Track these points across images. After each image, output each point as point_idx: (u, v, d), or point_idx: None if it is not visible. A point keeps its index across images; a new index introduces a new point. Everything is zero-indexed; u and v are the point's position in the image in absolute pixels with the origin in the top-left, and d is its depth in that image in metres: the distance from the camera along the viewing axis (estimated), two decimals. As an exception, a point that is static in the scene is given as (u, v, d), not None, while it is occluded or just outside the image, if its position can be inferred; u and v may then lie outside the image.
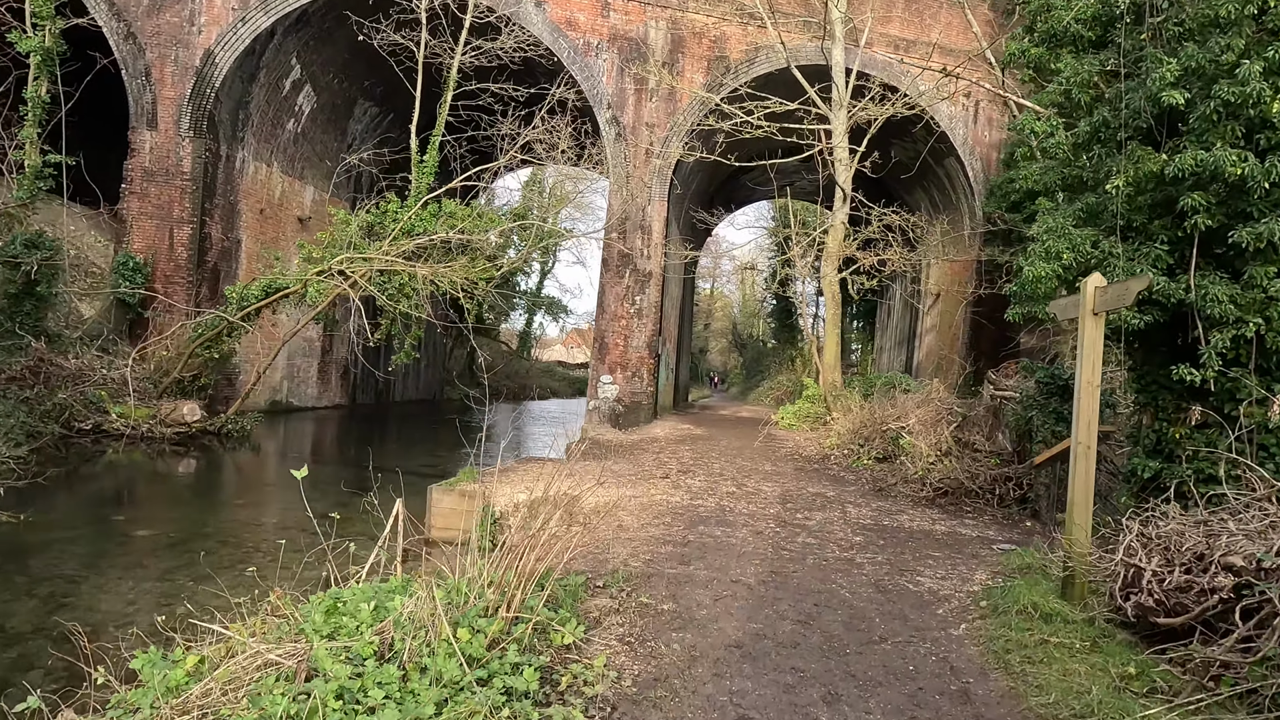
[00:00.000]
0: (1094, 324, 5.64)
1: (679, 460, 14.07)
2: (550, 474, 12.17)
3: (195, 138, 21.35)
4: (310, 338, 26.49)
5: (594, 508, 9.83)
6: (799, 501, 10.48)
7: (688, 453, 15.41)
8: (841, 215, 21.13)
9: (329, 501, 12.38)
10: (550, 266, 50.80)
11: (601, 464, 13.09)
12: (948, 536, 9.02)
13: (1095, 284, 5.59)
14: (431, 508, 10.13)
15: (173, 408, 17.39)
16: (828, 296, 21.51)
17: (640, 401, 23.04)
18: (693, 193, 29.31)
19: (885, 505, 10.82)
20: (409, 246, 19.18)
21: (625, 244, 23.27)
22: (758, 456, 15.37)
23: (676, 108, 23.29)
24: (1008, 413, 12.41)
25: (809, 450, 16.45)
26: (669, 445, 16.89)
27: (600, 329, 23.26)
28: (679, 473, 12.35)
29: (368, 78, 25.38)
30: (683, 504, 9.72)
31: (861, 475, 13.42)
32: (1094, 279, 5.63)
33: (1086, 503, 5.85)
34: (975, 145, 25.17)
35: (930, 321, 30.55)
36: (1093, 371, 5.69)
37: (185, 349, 18.56)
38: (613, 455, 14.77)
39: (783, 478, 12.59)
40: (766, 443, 17.80)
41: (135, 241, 21.07)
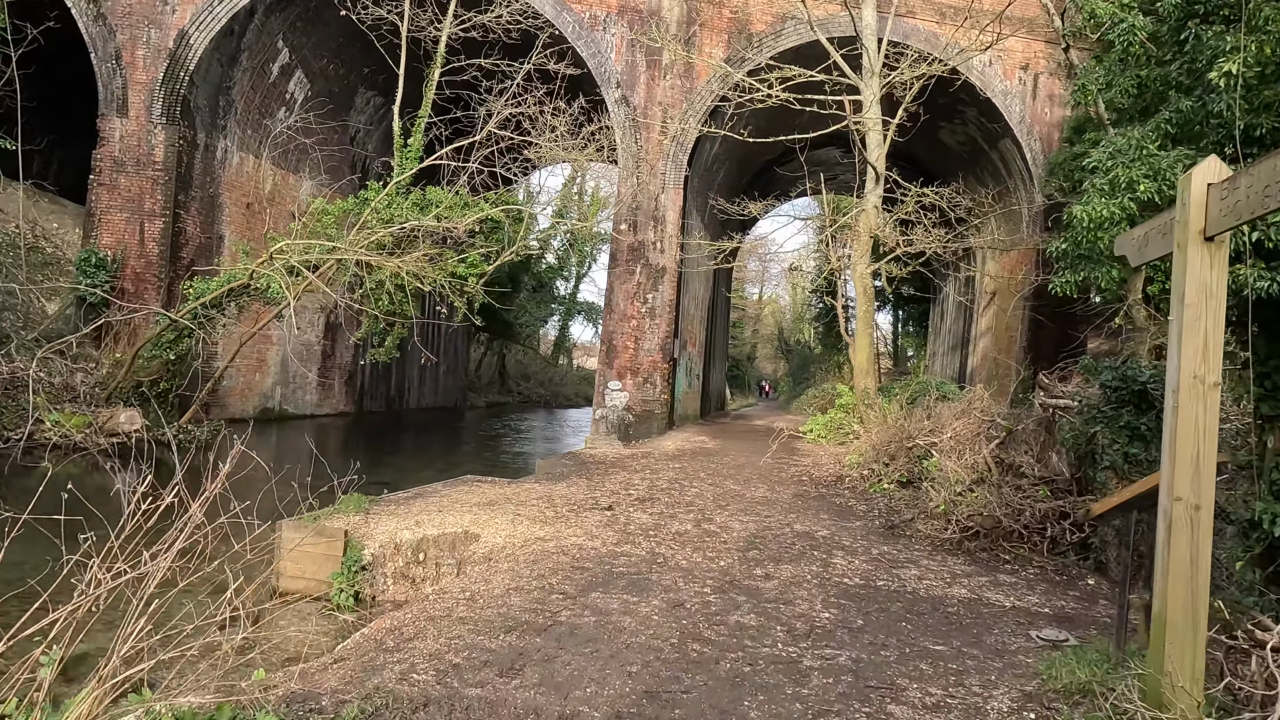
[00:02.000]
0: (1206, 256, 2.74)
1: (652, 482, 11.29)
2: (468, 503, 9.57)
3: (168, 125, 19.47)
4: (309, 340, 24.49)
5: (487, 553, 7.16)
6: (770, 547, 7.61)
7: (673, 472, 12.61)
8: (874, 199, 18.04)
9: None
10: (586, 270, 48.47)
11: (555, 486, 10.42)
12: (967, 608, 6.06)
13: (1209, 176, 2.67)
14: (280, 549, 7.59)
15: (109, 416, 15.34)
16: (859, 291, 18.43)
17: (652, 411, 20.32)
18: (719, 184, 26.50)
19: (891, 551, 7.87)
20: (382, 236, 16.85)
21: (636, 236, 20.63)
22: (757, 477, 12.47)
23: (693, 86, 20.58)
24: (1064, 427, 9.32)
25: (824, 469, 13.46)
26: (661, 461, 14.11)
27: (608, 330, 20.62)
28: (635, 501, 9.57)
29: (366, 64, 23.27)
30: (599, 552, 6.96)
31: (876, 504, 10.43)
32: (1207, 167, 2.70)
33: (1194, 622, 2.94)
34: (1034, 124, 21.80)
35: (985, 323, 27.12)
36: (1205, 357, 2.80)
37: (128, 352, 16.53)
38: (585, 474, 12.08)
39: (770, 508, 9.71)
40: (778, 459, 14.86)
41: (103, 236, 19.26)
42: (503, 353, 42.24)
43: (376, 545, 7.73)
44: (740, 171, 27.75)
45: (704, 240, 22.50)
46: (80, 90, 22.06)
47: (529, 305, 42.30)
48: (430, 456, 18.83)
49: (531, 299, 42.70)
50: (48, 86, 24.94)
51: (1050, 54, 21.88)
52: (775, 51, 21.09)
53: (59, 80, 24.43)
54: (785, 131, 23.25)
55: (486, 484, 10.51)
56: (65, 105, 24.61)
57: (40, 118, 25.89)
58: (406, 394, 29.79)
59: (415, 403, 30.48)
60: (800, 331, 51.06)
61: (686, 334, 23.58)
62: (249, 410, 22.18)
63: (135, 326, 17.34)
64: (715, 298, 29.95)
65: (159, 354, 17.21)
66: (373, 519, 8.22)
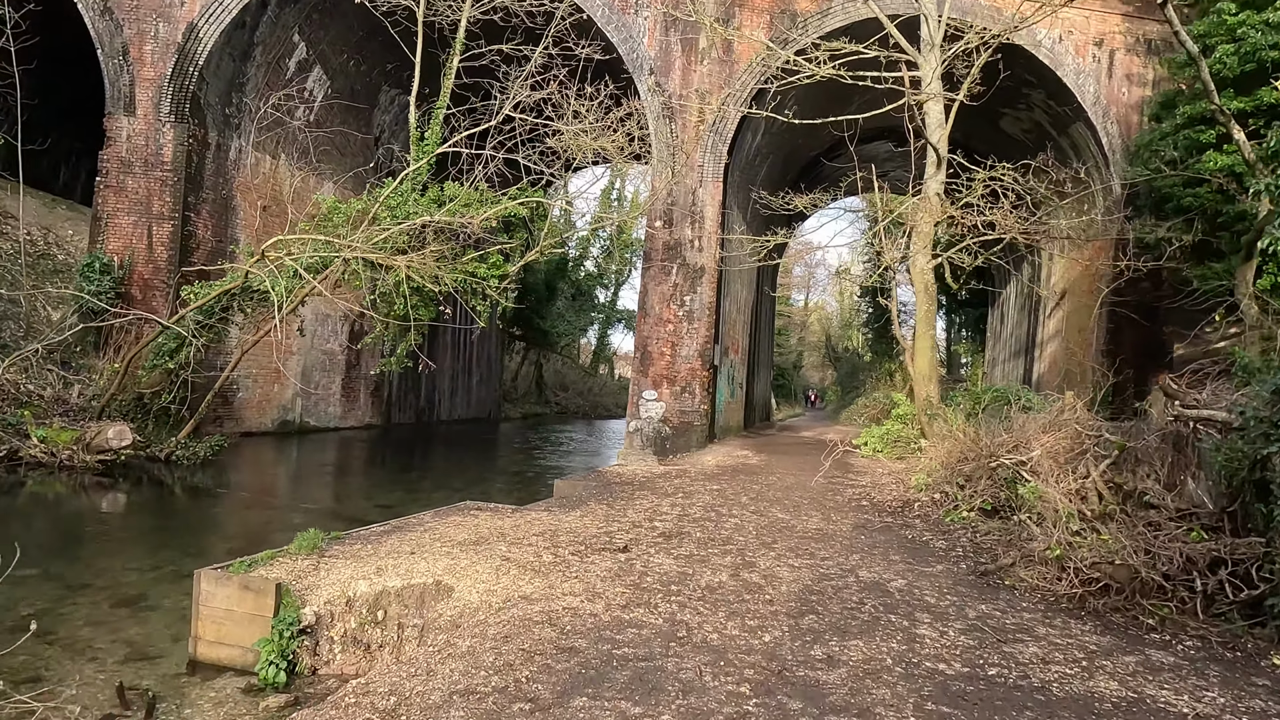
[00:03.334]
0: None
1: (684, 510, 9.36)
2: (452, 540, 7.72)
3: (177, 123, 18.19)
4: (331, 350, 23.09)
5: (454, 617, 5.33)
6: (831, 608, 5.65)
7: (710, 495, 10.66)
8: (935, 185, 15.92)
9: (141, 574, 8.33)
10: (626, 276, 46.63)
11: (565, 516, 8.56)
12: (1129, 718, 4.06)
13: None
14: (200, 606, 5.85)
15: (96, 431, 13.93)
16: (919, 289, 16.29)
17: (691, 422, 18.39)
18: (761, 180, 24.48)
19: (993, 612, 5.84)
20: (393, 234, 15.24)
21: (671, 233, 18.80)
22: (808, 502, 10.46)
23: (732, 72, 18.71)
24: (1208, 446, 7.18)
25: (886, 492, 11.38)
26: (698, 481, 12.17)
27: (642, 335, 18.77)
28: (659, 538, 7.65)
29: (388, 59, 21.83)
30: (599, 621, 5.07)
31: (957, 540, 8.36)
32: None
33: None
34: (1110, 105, 19.45)
35: (1053, 326, 24.67)
36: None
37: (121, 363, 15.14)
38: (606, 499, 10.21)
39: (827, 546, 7.72)
40: (832, 478, 12.81)
41: (110, 240, 18.02)
42: (540, 362, 40.66)
43: (322, 601, 5.94)
44: (784, 167, 25.73)
45: (743, 240, 20.53)
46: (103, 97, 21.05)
47: (567, 313, 40.70)
48: (450, 473, 17.16)
49: (570, 307, 41.11)
50: (70, 93, 24.06)
51: (1128, 29, 19.53)
52: (821, 32, 19.10)
53: (81, 87, 23.52)
54: (834, 108, 21.24)
55: (483, 514, 8.70)
56: (88, 112, 23.70)
57: (63, 125, 25.06)
58: (437, 405, 28.27)
59: (446, 414, 28.95)
60: (849, 338, 48.57)
61: (728, 339, 21.61)
62: (267, 423, 20.79)
63: (137, 335, 15.96)
64: (759, 301, 27.91)
65: (159, 364, 15.82)
66: (326, 564, 6.45)
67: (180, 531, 10.35)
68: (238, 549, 9.09)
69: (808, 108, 24.38)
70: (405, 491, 14.27)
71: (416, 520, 8.26)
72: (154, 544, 9.57)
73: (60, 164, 26.44)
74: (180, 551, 9.16)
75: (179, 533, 10.28)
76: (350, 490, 14.28)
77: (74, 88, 23.85)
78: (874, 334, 38.55)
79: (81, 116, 23.77)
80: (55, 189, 24.40)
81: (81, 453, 13.70)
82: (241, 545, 9.37)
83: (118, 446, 13.81)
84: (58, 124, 25.38)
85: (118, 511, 11.52)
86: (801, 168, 27.45)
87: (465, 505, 9.31)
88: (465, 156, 16.50)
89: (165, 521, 10.97)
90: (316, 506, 12.15)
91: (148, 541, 9.72)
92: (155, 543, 9.65)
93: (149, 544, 9.59)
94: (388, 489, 14.65)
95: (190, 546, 9.49)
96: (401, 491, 14.25)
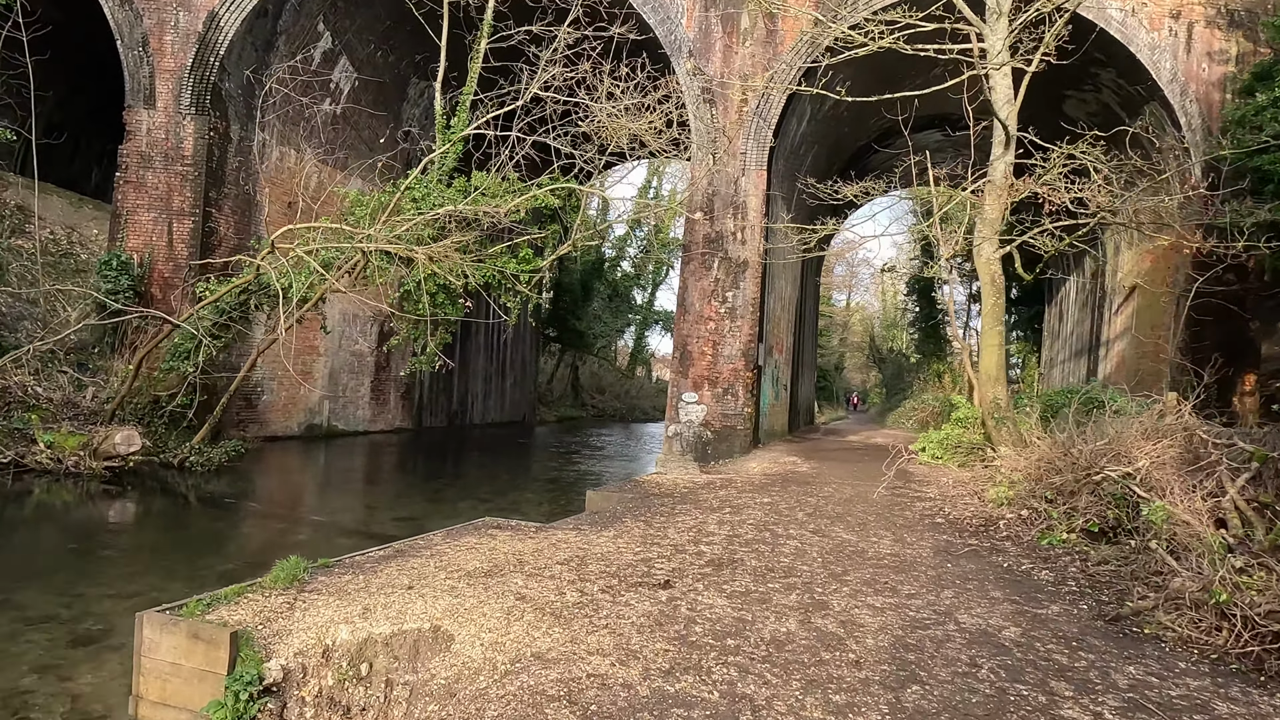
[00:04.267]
0: None
1: (734, 529, 8.03)
2: (461, 570, 6.41)
3: (198, 115, 17.33)
4: (360, 351, 22.14)
5: (449, 682, 4.09)
6: (935, 670, 4.30)
7: (761, 510, 9.31)
8: (1003, 166, 14.39)
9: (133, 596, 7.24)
10: (664, 276, 45.30)
11: (596, 536, 7.29)
12: None
13: None
14: (142, 658, 4.67)
15: (104, 436, 13.00)
16: (985, 281, 14.76)
17: (734, 426, 17.05)
18: (807, 170, 23.06)
19: (1147, 678, 4.43)
20: (416, 226, 14.14)
21: (712, 225, 17.49)
22: (875, 518, 9.06)
23: (777, 53, 17.35)
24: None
25: (960, 506, 9.93)
26: (745, 493, 10.83)
27: (681, 334, 17.47)
28: (707, 567, 6.34)
29: (417, 50, 20.81)
30: (635, 696, 3.78)
31: (1065, 570, 6.91)
32: None
33: None
34: (1190, 82, 17.69)
35: (1121, 323, 22.87)
36: None
37: (132, 364, 14.23)
38: (644, 514, 8.93)
39: (910, 578, 6.35)
40: (894, 489, 11.37)
41: (130, 238, 17.20)
42: (575, 364, 39.50)
43: (293, 651, 4.73)
44: (830, 157, 24.26)
45: (790, 231, 19.09)
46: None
47: (603, 314, 39.51)
48: (479, 481, 16.01)
49: (606, 308, 39.91)
50: (102, 94, 23.48)
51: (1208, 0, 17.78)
52: (872, 9, 17.65)
53: (114, 87, 22.89)
54: (885, 102, 19.78)
55: (502, 534, 7.45)
56: (120, 113, 23.16)
57: (96, 126, 24.52)
58: (469, 408, 27.22)
59: (480, 418, 27.89)
60: (893, 339, 46.74)
61: (772, 338, 20.21)
62: (293, 427, 19.86)
63: (153, 336, 15.06)
64: (803, 298, 26.44)
65: (174, 365, 14.91)
66: (305, 601, 5.25)
67: (175, 550, 9.29)
68: (232, 572, 7.98)
69: (856, 92, 22.90)
70: (428, 502, 13.13)
71: (425, 542, 7.04)
72: (141, 565, 8.51)
73: (93, 165, 25.94)
74: (166, 575, 8.07)
75: (173, 551, 9.22)
76: (370, 500, 13.17)
77: (105, 88, 23.26)
78: (921, 334, 36.77)
79: (114, 117, 23.17)
80: (88, 190, 23.85)
81: (88, 459, 12.78)
82: (237, 568, 8.27)
83: (125, 452, 12.87)
84: (90, 125, 24.88)
85: (113, 524, 10.50)
86: (848, 159, 25.94)
87: (483, 523, 8.08)
88: (492, 144, 15.35)
89: (161, 537, 9.92)
90: (328, 520, 11.05)
91: (135, 562, 8.65)
92: (143, 563, 8.59)
93: (136, 565, 8.52)
94: (410, 499, 13.53)
95: (180, 568, 8.39)
96: (424, 502, 13.11)
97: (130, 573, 8.17)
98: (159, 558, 8.83)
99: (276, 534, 10.01)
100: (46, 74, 24.05)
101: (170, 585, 7.58)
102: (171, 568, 8.43)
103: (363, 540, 9.97)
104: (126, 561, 8.64)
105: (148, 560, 8.70)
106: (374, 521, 11.18)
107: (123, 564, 8.50)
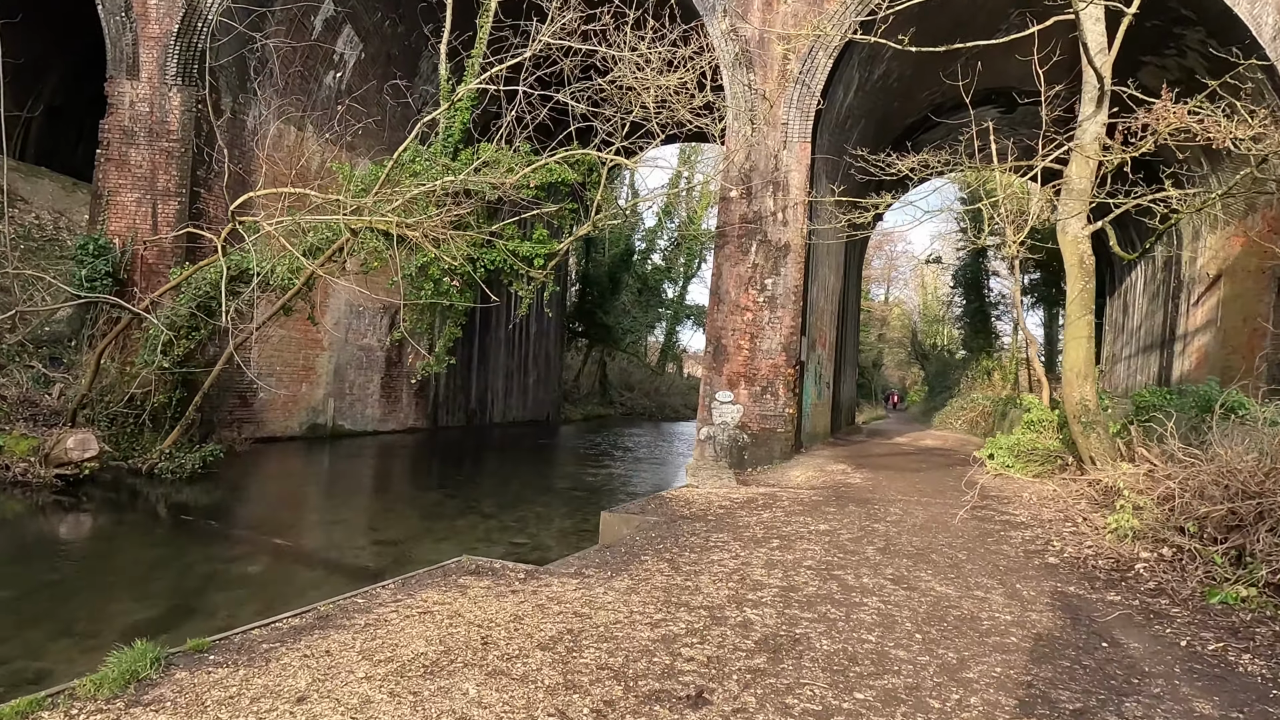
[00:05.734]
0: None
1: (787, 575, 5.94)
2: (393, 662, 4.31)
3: (185, 86, 15.58)
4: (369, 345, 20.32)
5: None
6: None
7: (818, 544, 7.20)
8: (1095, 127, 12.07)
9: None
10: (696, 269, 43.04)
11: (603, 592, 5.24)
12: None
13: None
14: None
15: (56, 440, 11.23)
16: (1071, 263, 12.43)
17: (774, 429, 14.92)
18: (854, 146, 20.81)
19: None
20: (412, 198, 12.19)
21: (750, 204, 15.39)
22: (968, 558, 6.90)
23: (823, 8, 15.17)
24: None
25: (1070, 539, 7.71)
26: (795, 516, 8.71)
27: (715, 326, 15.39)
28: (755, 652, 4.25)
29: (427, 19, 18.93)
30: None
31: (1270, 648, 4.74)
32: None
33: None
34: (1296, 38, 15.17)
35: (1202, 315, 20.32)
36: None
37: (93, 358, 12.47)
38: (668, 550, 6.87)
39: (1056, 667, 4.21)
40: (977, 512, 9.17)
41: (112, 221, 15.50)
42: (603, 360, 37.50)
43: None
44: (879, 133, 21.95)
45: (835, 210, 16.83)
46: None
47: (633, 309, 37.45)
48: (489, 490, 14.04)
49: (635, 302, 37.84)
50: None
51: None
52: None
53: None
54: (937, 75, 17.50)
55: (478, 585, 5.43)
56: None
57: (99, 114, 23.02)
58: (490, 407, 25.32)
59: (500, 416, 25.98)
60: (936, 334, 44.03)
61: (815, 331, 17.99)
62: (294, 427, 18.09)
63: (117, 326, 13.30)
64: (846, 288, 24.17)
65: (149, 360, 13.14)
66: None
67: (90, 587, 7.41)
68: (146, 625, 6.08)
69: (907, 64, 20.54)
70: (423, 517, 11.17)
71: (365, 602, 5.02)
72: (35, 611, 6.62)
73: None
74: (59, 628, 6.18)
75: (87, 589, 7.35)
76: (355, 514, 11.25)
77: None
78: (968, 328, 34.18)
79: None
80: (91, 178, 22.36)
81: (38, 466, 11.03)
82: (155, 617, 6.37)
83: (79, 458, 11.08)
84: (96, 109, 23.40)
85: (33, 548, 8.65)
86: (896, 137, 23.59)
87: (457, 566, 6.06)
88: (502, 110, 13.34)
89: (82, 568, 8.04)
90: (294, 543, 9.13)
91: (30, 605, 6.76)
92: (39, 608, 6.70)
93: (28, 611, 6.63)
94: (403, 513, 11.59)
95: (82, 616, 6.51)
96: (418, 518, 11.15)
97: (15, 623, 6.28)
98: (63, 600, 6.95)
99: (224, 564, 8.11)
100: (47, 55, 22.62)
101: (50, 649, 5.69)
102: (72, 615, 6.54)
103: (326, 574, 8.02)
104: (20, 606, 6.76)
105: (47, 604, 6.81)
106: (349, 546, 9.25)
107: (11, 610, 6.62)
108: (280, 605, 6.64)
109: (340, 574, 7.97)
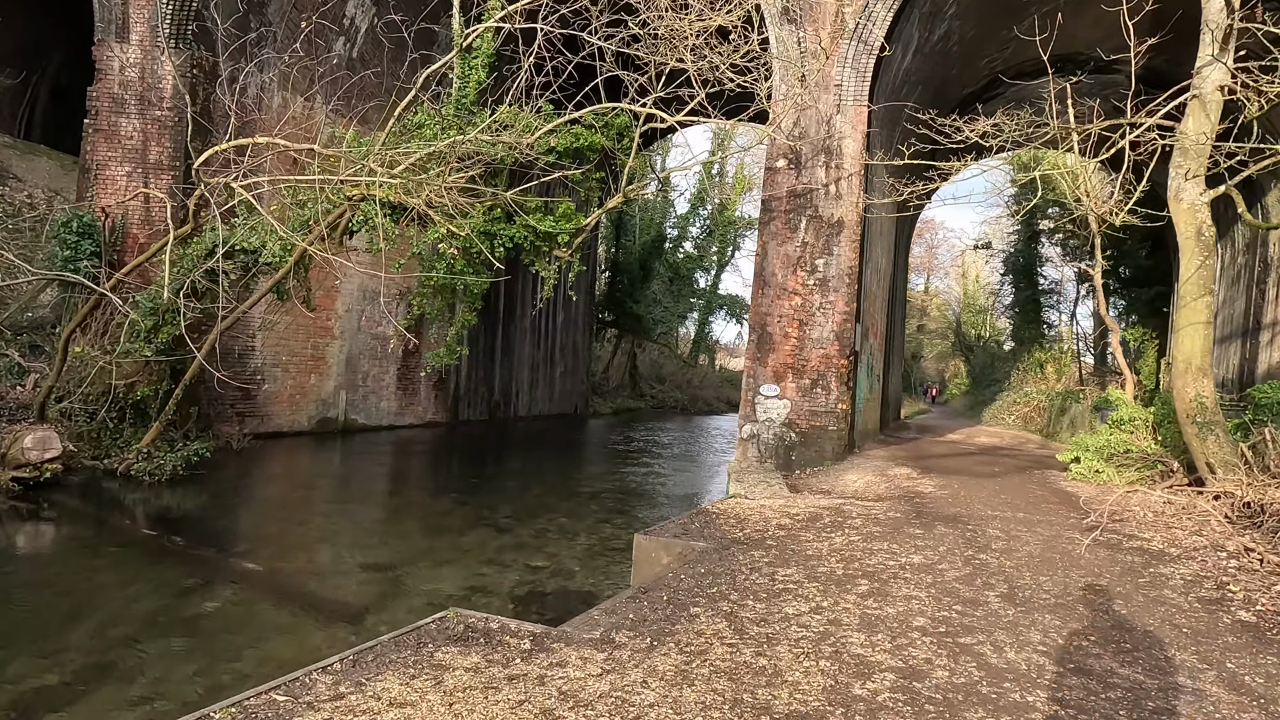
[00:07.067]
0: None
1: (897, 644, 4.18)
2: None
3: (179, 50, 14.08)
4: (384, 334, 18.77)
5: None
6: None
7: (920, 589, 5.40)
8: (1217, 76, 10.06)
9: None
10: (730, 256, 41.07)
11: (640, 679, 3.44)
12: None
13: None
14: None
15: (11, 439, 9.74)
16: (1187, 236, 10.42)
17: (825, 427, 13.11)
18: (908, 117, 18.82)
19: None
20: (416, 160, 10.53)
21: (799, 176, 13.59)
22: (1136, 614, 5.07)
23: (882, -45, 13.30)
24: None
25: (1258, 583, 5.85)
26: (875, 541, 6.91)
27: (759, 312, 13.59)
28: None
29: (445, -20, 17.24)
30: None
31: None
32: None
33: None
34: None
35: (1298, 300, 18.13)
36: None
37: (59, 345, 10.97)
38: (724, 594, 5.11)
39: None
40: (1098, 535, 7.30)
41: (100, 196, 14.04)
42: (634, 352, 35.77)
43: None
44: (935, 102, 19.81)
45: (895, 183, 14.87)
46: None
47: (664, 298, 35.64)
48: (506, 495, 12.37)
49: (667, 291, 36.03)
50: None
51: None
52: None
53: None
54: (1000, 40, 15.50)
55: (463, 664, 3.72)
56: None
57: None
58: (514, 400, 23.70)
59: (525, 409, 24.36)
60: (981, 325, 41.65)
61: (868, 318, 16.09)
62: (302, 421, 16.60)
63: (84, 311, 11.81)
64: (895, 273, 22.19)
65: (133, 348, 11.64)
66: None
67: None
68: (32, 694, 4.48)
69: (970, 22, 18.46)
70: (428, 531, 9.51)
71: (285, 705, 3.33)
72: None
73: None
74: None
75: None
76: (346, 527, 9.60)
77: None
78: (1019, 318, 31.89)
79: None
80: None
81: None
82: (51, 684, 4.75)
83: (38, 459, 9.59)
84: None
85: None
86: (952, 108, 21.51)
87: (439, 629, 4.34)
88: (523, 65, 11.60)
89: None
90: (266, 567, 7.50)
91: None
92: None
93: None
94: (405, 526, 9.94)
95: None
96: (421, 532, 9.50)
97: None
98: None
99: (174, 599, 6.50)
100: (52, 31, 21.34)
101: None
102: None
103: (294, 614, 6.37)
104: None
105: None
106: (332, 572, 7.60)
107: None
108: (223, 665, 4.99)
109: (312, 614, 6.33)
